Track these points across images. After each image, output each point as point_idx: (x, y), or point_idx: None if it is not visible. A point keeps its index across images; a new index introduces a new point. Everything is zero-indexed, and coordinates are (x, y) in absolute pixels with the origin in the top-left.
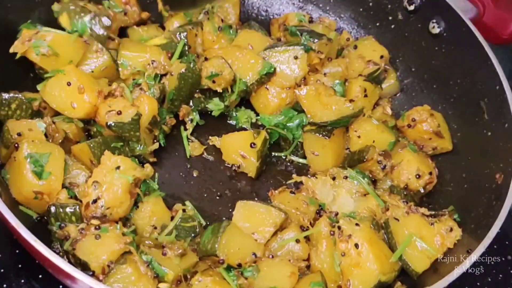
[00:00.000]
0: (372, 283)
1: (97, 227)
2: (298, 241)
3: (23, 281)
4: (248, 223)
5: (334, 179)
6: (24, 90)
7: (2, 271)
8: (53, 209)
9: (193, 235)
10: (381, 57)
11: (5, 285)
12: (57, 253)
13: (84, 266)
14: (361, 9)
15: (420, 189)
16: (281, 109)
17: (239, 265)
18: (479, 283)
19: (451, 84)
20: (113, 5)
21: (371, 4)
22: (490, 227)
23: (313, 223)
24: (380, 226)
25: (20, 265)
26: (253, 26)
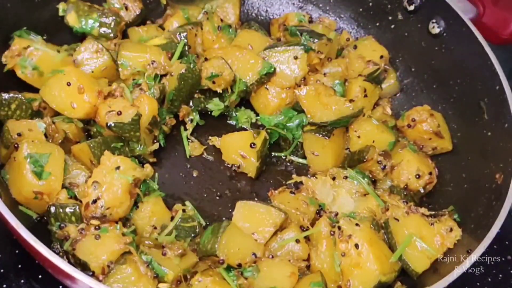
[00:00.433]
0: (372, 284)
1: (97, 227)
2: (298, 241)
3: (23, 281)
4: (248, 223)
5: (334, 179)
6: (24, 90)
7: (2, 271)
8: (53, 209)
9: (193, 235)
10: (381, 57)
11: (5, 285)
12: (57, 253)
13: (84, 266)
14: (361, 9)
15: (420, 189)
16: (281, 109)
17: (239, 265)
18: (479, 283)
19: (451, 84)
20: (113, 2)
21: (371, 4)
22: (490, 227)
23: (313, 223)
24: (380, 226)
25: (20, 265)
26: (253, 26)
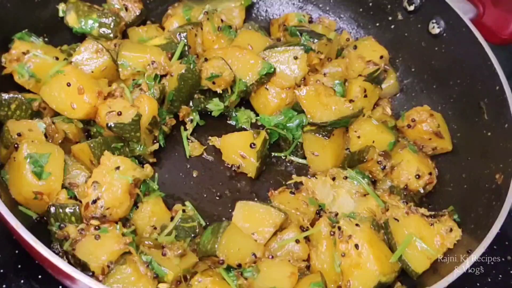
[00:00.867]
0: (372, 284)
1: (97, 228)
2: (298, 241)
3: (22, 281)
4: (248, 223)
5: (334, 179)
6: (24, 90)
7: (1, 271)
8: (52, 210)
9: (193, 235)
10: (381, 57)
11: (4, 285)
12: (57, 254)
13: (83, 266)
14: (361, 10)
15: (420, 190)
16: (281, 110)
17: (239, 266)
18: (479, 283)
19: (451, 84)
20: (112, 3)
21: (371, 4)
22: (490, 228)
23: (313, 224)
24: (380, 226)
25: (19, 265)
26: (253, 26)
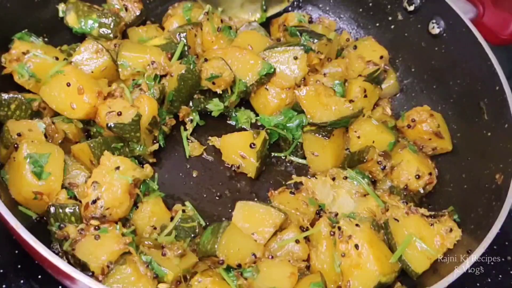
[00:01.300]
0: (372, 284)
1: (97, 228)
2: (298, 241)
3: (22, 281)
4: (247, 223)
5: (334, 179)
6: (23, 90)
7: (1, 271)
8: (52, 210)
9: (192, 235)
10: (381, 57)
11: (4, 285)
12: (57, 254)
13: (83, 266)
14: (361, 10)
15: (420, 190)
16: (281, 110)
17: (239, 266)
18: (479, 283)
19: (451, 84)
20: (112, 3)
21: (371, 4)
22: (490, 228)
23: (313, 224)
24: (380, 226)
25: (19, 265)
26: (253, 26)
